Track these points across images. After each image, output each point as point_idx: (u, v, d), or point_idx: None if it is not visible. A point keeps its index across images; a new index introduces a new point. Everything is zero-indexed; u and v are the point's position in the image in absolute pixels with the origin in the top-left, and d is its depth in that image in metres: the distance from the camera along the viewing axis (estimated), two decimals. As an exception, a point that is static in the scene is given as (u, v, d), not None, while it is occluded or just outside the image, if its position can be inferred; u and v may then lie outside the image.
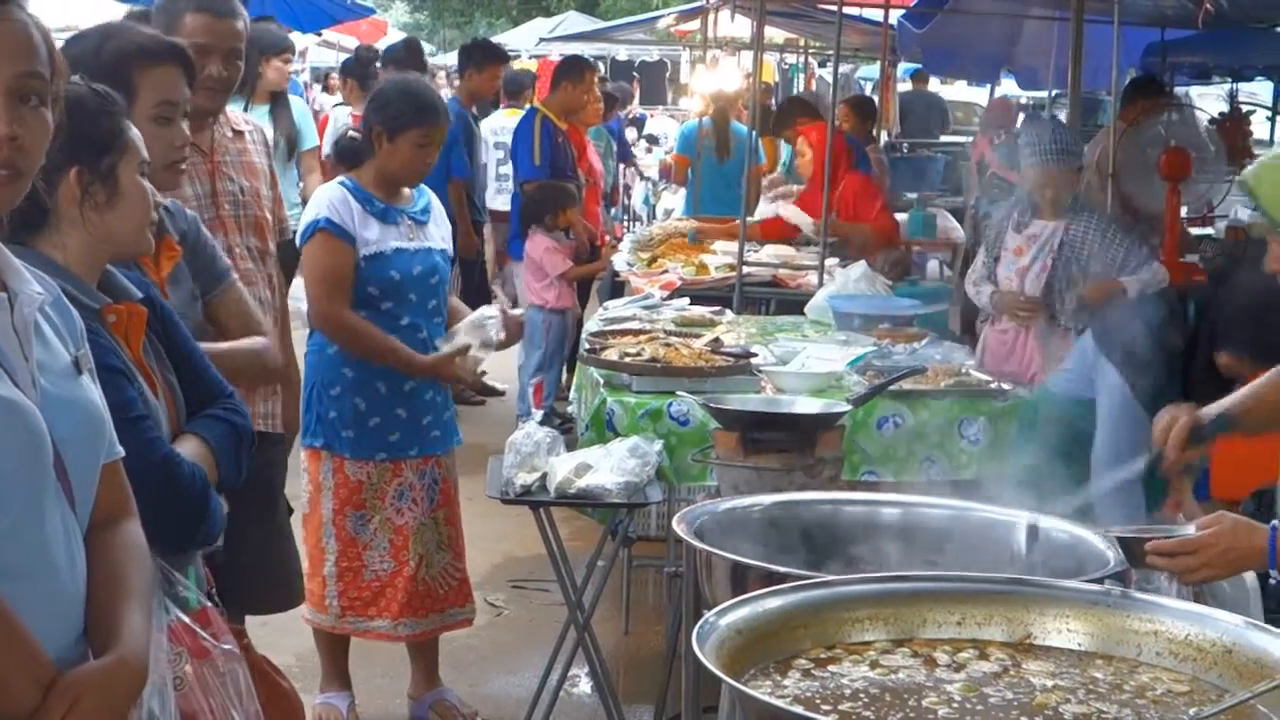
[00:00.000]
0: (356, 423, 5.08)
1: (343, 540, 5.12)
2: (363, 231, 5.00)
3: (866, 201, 8.66)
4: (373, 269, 5.01)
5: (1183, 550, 2.90)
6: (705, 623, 2.43)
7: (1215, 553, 2.88)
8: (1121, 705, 2.38)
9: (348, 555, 5.13)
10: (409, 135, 5.01)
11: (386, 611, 5.15)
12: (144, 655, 2.24)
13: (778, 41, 18.36)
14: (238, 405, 3.14)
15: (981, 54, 13.12)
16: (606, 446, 4.83)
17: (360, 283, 5.02)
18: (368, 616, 5.17)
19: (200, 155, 4.47)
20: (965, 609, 2.67)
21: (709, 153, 11.68)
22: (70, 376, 2.24)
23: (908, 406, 5.21)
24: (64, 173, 2.79)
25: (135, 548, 2.35)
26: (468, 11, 41.36)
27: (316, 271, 5.04)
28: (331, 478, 5.11)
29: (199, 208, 4.41)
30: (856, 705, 2.34)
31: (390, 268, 5.03)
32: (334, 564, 5.13)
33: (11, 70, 2.13)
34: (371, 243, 5.00)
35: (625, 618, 6.34)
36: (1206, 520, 2.94)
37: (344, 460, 5.10)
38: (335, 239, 4.97)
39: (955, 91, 23.60)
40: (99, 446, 2.29)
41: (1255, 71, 13.23)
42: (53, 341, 2.25)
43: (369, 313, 5.02)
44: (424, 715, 5.39)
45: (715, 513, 3.38)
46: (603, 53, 26.74)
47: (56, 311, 2.29)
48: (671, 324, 6.40)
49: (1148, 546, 2.91)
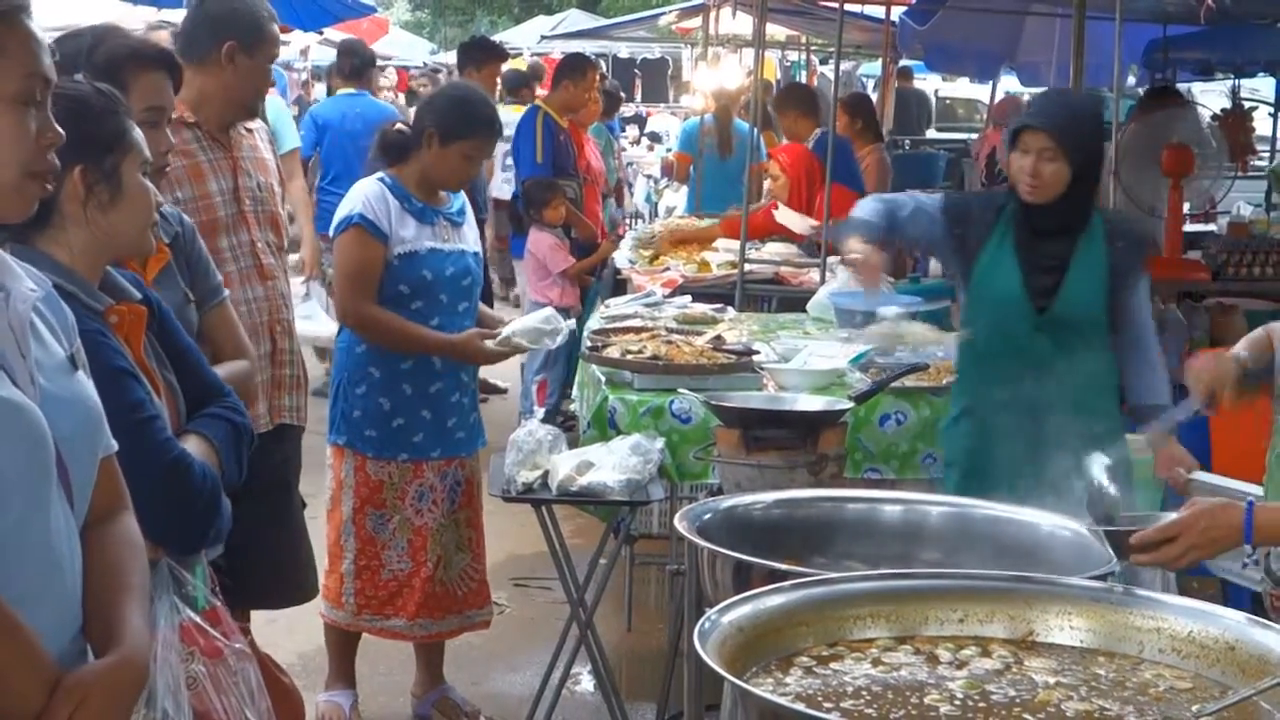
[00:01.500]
0: (380, 423, 5.08)
1: (361, 539, 5.11)
2: (399, 229, 5.00)
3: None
4: (406, 267, 5.00)
5: (1164, 537, 2.91)
6: (707, 620, 2.43)
7: (1196, 533, 2.90)
8: (1124, 702, 2.38)
9: (366, 554, 5.12)
10: (461, 145, 5.03)
11: (403, 611, 5.14)
12: (145, 653, 2.24)
13: (779, 39, 18.33)
14: (235, 404, 3.14)
15: (983, 51, 13.11)
16: (608, 444, 4.83)
17: (392, 281, 5.01)
18: (384, 615, 5.16)
19: (222, 150, 4.51)
20: (967, 606, 2.67)
21: (711, 150, 11.67)
22: (66, 373, 2.24)
23: (910, 403, 5.21)
24: (68, 171, 2.79)
25: (132, 543, 2.34)
26: (469, 9, 41.36)
27: (347, 267, 5.04)
28: (353, 476, 5.11)
29: (223, 203, 4.45)
30: (859, 703, 2.34)
31: (423, 267, 5.02)
32: (352, 562, 5.12)
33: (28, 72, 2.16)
34: (406, 241, 5.00)
35: (627, 615, 6.34)
36: (1184, 507, 2.97)
37: (366, 459, 5.09)
38: (368, 235, 4.96)
39: (956, 88, 23.57)
40: (96, 442, 2.29)
41: (1257, 68, 13.19)
42: (48, 339, 2.25)
43: (399, 311, 5.01)
44: (427, 713, 5.39)
45: (717, 510, 3.38)
46: (604, 50, 26.73)
47: (49, 307, 2.29)
48: (673, 321, 6.40)
49: (1132, 541, 2.93)
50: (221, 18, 4.52)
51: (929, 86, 23.75)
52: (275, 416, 4.56)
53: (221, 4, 4.56)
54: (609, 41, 26.28)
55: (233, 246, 4.48)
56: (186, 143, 4.43)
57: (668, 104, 28.35)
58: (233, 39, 4.47)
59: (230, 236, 4.47)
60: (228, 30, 4.48)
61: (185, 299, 3.59)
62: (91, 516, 2.27)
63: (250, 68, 4.52)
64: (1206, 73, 13.48)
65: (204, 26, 4.53)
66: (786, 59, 21.12)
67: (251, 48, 4.51)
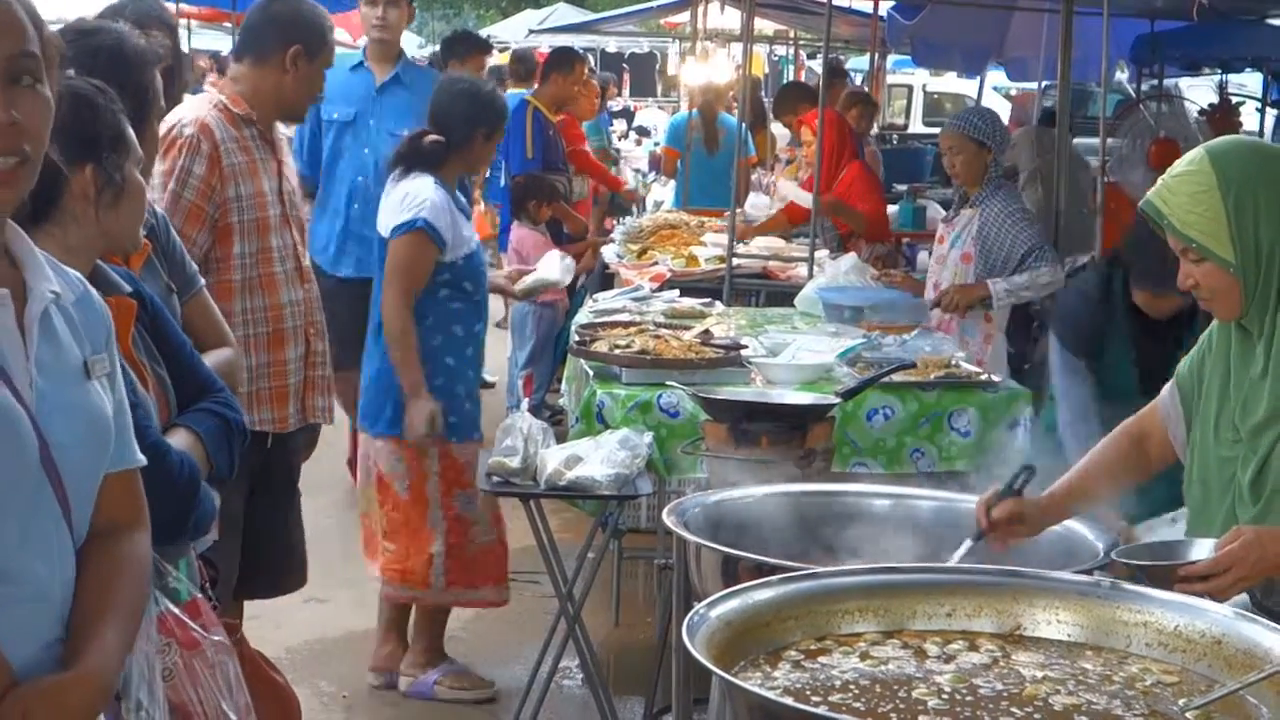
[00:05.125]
0: (458, 408, 5.37)
1: (450, 519, 5.35)
2: (461, 232, 5.31)
3: (867, 190, 8.66)
4: (468, 266, 5.34)
5: (1214, 571, 2.83)
6: (695, 614, 2.43)
7: (1248, 566, 2.82)
8: (1111, 696, 2.38)
9: (456, 532, 5.36)
10: (497, 136, 5.50)
11: (490, 579, 5.45)
12: (110, 673, 2.19)
13: (767, 33, 18.32)
14: (229, 399, 3.13)
15: (970, 46, 13.14)
16: (596, 439, 4.83)
17: (457, 280, 5.31)
18: (474, 587, 5.45)
19: (270, 151, 4.57)
20: (955, 600, 2.68)
21: (697, 145, 11.68)
22: (77, 381, 2.20)
23: (897, 398, 5.21)
24: (78, 168, 2.78)
25: (131, 561, 2.30)
26: (457, 3, 41.27)
27: (402, 265, 5.23)
28: (438, 462, 5.33)
29: (273, 202, 4.51)
30: (846, 696, 2.34)
31: (477, 261, 5.42)
32: (443, 542, 5.35)
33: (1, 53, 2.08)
34: (466, 241, 5.34)
35: (616, 610, 6.34)
36: (1226, 538, 2.88)
37: (450, 445, 5.34)
38: (429, 242, 5.21)
39: (944, 83, 23.60)
40: (101, 453, 2.24)
41: (1244, 63, 13.23)
42: (64, 341, 2.20)
43: (463, 303, 5.35)
44: (429, 691, 5.50)
45: (705, 505, 3.39)
46: (592, 45, 26.70)
47: (80, 310, 2.25)
48: (661, 316, 6.39)
49: (1181, 574, 2.84)
50: (290, 21, 4.62)
51: (916, 81, 23.80)
52: (308, 416, 4.68)
53: (288, 7, 4.65)
54: (597, 36, 26.25)
55: (280, 247, 4.55)
56: (247, 140, 4.49)
57: (656, 98, 28.33)
58: (299, 44, 4.56)
59: (278, 237, 4.54)
60: (296, 34, 4.58)
61: (168, 289, 3.59)
62: (97, 529, 2.24)
63: (310, 74, 4.62)
64: (1194, 68, 13.51)
65: (272, 27, 4.61)
66: (774, 54, 21.13)
67: (314, 54, 4.61)
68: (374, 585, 5.58)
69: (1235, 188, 2.98)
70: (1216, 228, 2.99)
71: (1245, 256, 2.98)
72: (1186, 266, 3.08)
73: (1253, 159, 3.04)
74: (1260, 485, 3.01)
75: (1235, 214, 2.98)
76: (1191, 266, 3.06)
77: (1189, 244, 3.03)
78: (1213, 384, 3.15)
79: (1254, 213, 2.98)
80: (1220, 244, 2.99)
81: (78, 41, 3.32)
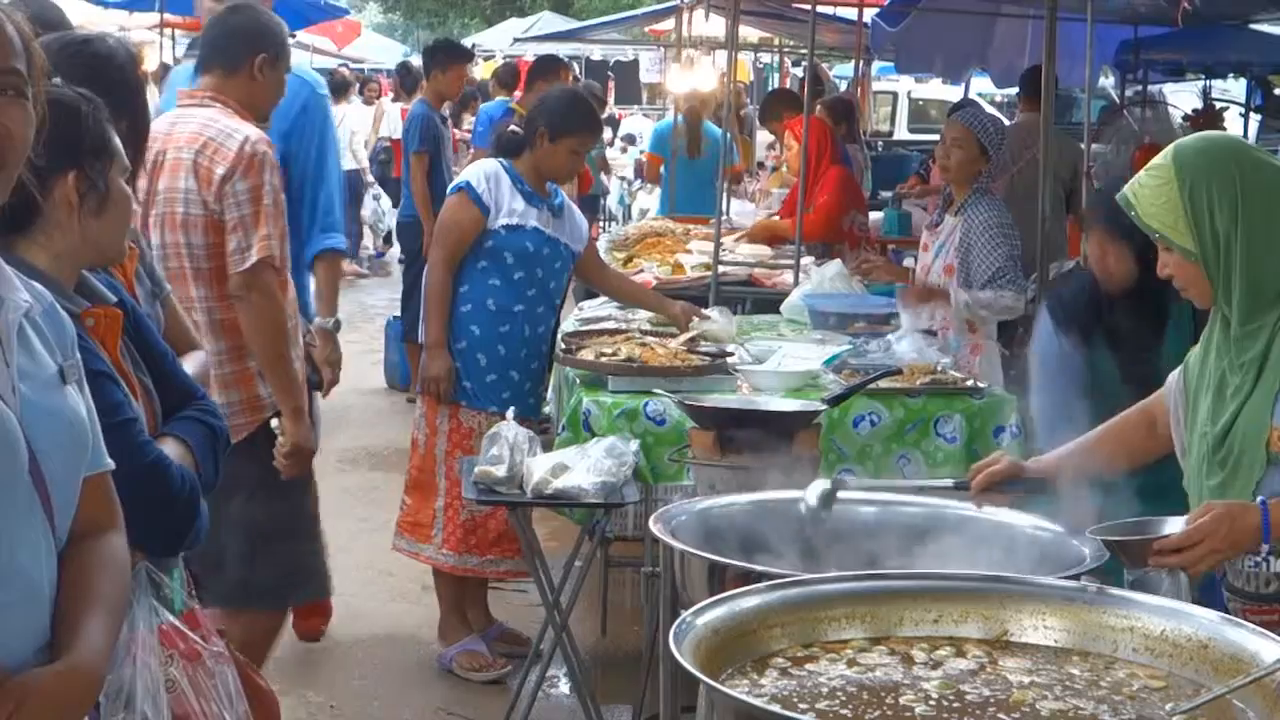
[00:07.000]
0: (477, 375, 5.65)
1: (451, 480, 5.58)
2: (510, 203, 5.64)
3: (846, 196, 8.60)
4: (512, 237, 5.63)
5: (1187, 544, 2.95)
6: (682, 622, 2.43)
7: (1219, 538, 2.94)
8: (1098, 701, 2.39)
9: (452, 493, 5.60)
10: (569, 141, 5.69)
11: (493, 549, 5.66)
12: (98, 665, 2.20)
13: (752, 41, 18.35)
14: (210, 406, 3.13)
15: (955, 52, 13.15)
16: (583, 447, 4.82)
17: (498, 248, 5.63)
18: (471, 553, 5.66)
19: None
20: (942, 607, 2.68)
21: (682, 152, 11.69)
22: (54, 387, 2.21)
23: (884, 404, 5.21)
24: (61, 176, 2.76)
25: (111, 560, 2.31)
26: (441, 12, 41.28)
27: (444, 224, 5.75)
28: (447, 422, 5.67)
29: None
30: (834, 704, 2.34)
31: (526, 239, 5.64)
32: (443, 500, 5.66)
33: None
34: (516, 214, 5.64)
35: (603, 618, 6.33)
36: (1196, 512, 3.00)
37: (459, 407, 5.66)
38: (469, 201, 5.63)
39: (929, 90, 23.62)
40: (80, 458, 2.25)
41: (1228, 68, 13.28)
42: (39, 350, 2.21)
43: (500, 279, 5.63)
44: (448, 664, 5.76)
45: (692, 512, 3.38)
46: (577, 52, 26.72)
47: (47, 321, 2.26)
48: (647, 323, 6.39)
49: (1155, 547, 2.96)
50: (254, 31, 4.72)
51: (901, 88, 23.81)
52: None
53: (247, 18, 4.77)
54: (582, 43, 26.27)
55: None
56: None
57: (641, 106, 28.33)
58: (264, 52, 4.67)
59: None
60: (260, 43, 4.68)
61: (152, 294, 3.59)
62: (76, 532, 2.24)
63: (275, 80, 4.73)
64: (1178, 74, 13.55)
65: (236, 38, 4.70)
66: (759, 61, 21.15)
67: (278, 61, 4.73)
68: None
69: (1190, 180, 3.13)
70: (1175, 218, 3.14)
71: (1204, 246, 3.13)
72: (1163, 256, 3.23)
73: (1209, 151, 3.20)
74: (1222, 454, 3.15)
75: (1191, 205, 3.13)
76: (1166, 256, 3.22)
77: (1153, 234, 3.19)
78: (1206, 366, 3.28)
79: (1208, 203, 3.12)
80: (1179, 234, 3.15)
81: (68, 50, 3.33)
